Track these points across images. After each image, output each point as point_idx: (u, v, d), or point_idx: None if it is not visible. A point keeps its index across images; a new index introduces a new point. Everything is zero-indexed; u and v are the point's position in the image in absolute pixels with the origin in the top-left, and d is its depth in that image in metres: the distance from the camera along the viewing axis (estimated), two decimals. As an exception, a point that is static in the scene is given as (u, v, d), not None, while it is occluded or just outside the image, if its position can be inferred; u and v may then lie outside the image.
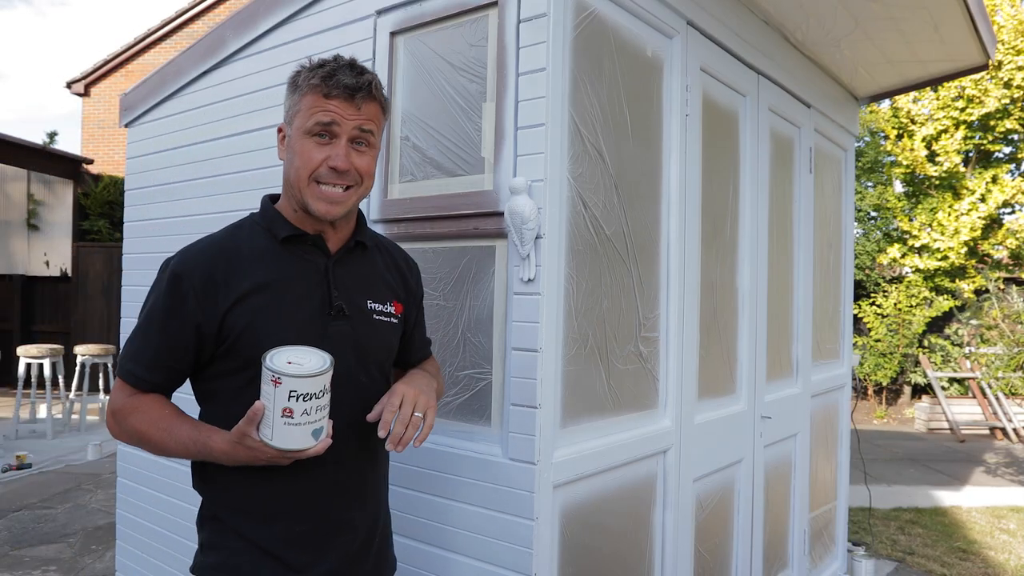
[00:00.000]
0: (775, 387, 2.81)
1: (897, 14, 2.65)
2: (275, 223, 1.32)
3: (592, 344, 1.81)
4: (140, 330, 1.29)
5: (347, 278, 1.35)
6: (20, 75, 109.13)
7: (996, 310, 6.30)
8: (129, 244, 2.90)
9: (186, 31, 12.88)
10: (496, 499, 1.66)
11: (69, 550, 4.13)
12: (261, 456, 1.17)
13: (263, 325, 1.25)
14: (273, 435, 1.13)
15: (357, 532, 1.35)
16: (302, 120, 1.27)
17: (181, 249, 1.31)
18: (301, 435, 1.14)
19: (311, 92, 1.26)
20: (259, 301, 1.25)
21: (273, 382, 1.11)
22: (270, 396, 1.12)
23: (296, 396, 1.11)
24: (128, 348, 1.29)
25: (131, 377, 1.28)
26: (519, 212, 1.59)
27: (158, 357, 1.27)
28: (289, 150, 1.30)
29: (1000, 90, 9.10)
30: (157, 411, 1.26)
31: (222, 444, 1.19)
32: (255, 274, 1.27)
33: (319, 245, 1.33)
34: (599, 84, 1.81)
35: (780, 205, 2.84)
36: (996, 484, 6.35)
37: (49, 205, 11.01)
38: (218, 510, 1.31)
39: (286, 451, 1.15)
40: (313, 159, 1.26)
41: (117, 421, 1.28)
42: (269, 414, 1.12)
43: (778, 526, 2.88)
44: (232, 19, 2.41)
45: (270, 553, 1.27)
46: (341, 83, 1.24)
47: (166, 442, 1.24)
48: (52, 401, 7.43)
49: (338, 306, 1.31)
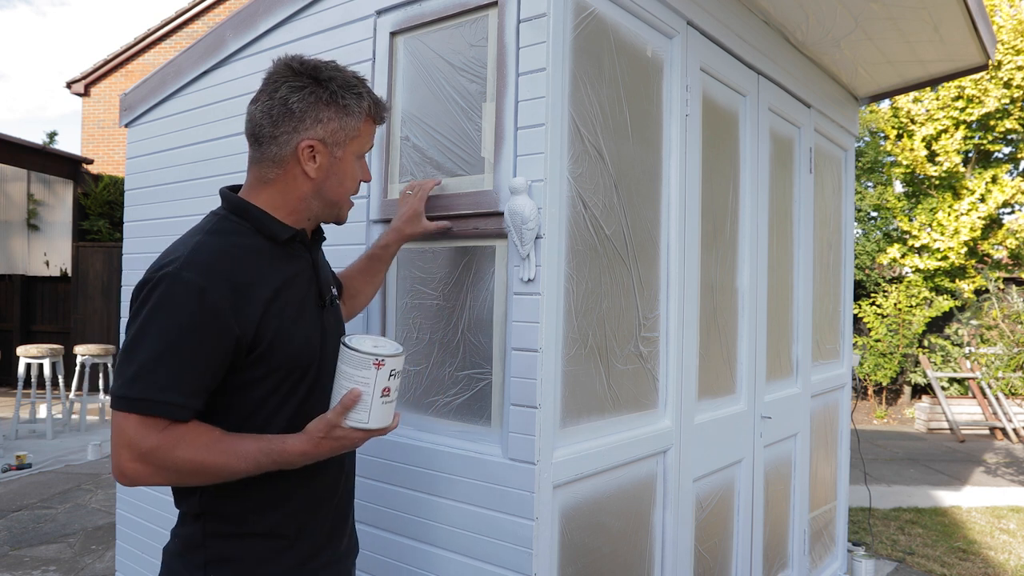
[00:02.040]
0: (775, 387, 2.81)
1: (897, 14, 2.65)
2: (269, 224, 1.30)
3: (592, 344, 1.81)
4: (162, 354, 1.13)
5: (321, 269, 1.42)
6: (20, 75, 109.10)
7: (996, 310, 6.30)
8: (129, 244, 2.90)
9: (186, 31, 12.89)
10: (496, 499, 1.66)
11: (69, 550, 4.13)
12: (348, 444, 1.21)
13: (289, 327, 1.26)
14: (370, 417, 1.19)
15: (352, 507, 1.48)
16: (360, 145, 1.35)
17: (183, 261, 1.17)
18: (390, 412, 1.23)
19: (369, 120, 1.35)
20: (280, 304, 1.26)
21: (376, 365, 1.17)
22: (368, 380, 1.18)
23: (394, 374, 1.21)
24: (146, 378, 1.12)
25: (166, 409, 1.13)
26: (519, 212, 1.59)
27: (196, 381, 1.15)
28: (336, 171, 1.33)
29: (1000, 90, 9.10)
30: (206, 435, 1.17)
31: (300, 445, 1.18)
32: (270, 278, 1.26)
33: (305, 241, 1.37)
34: (599, 84, 1.81)
35: (780, 205, 2.84)
36: (996, 484, 6.35)
37: (49, 205, 11.01)
38: (237, 519, 1.27)
39: (377, 430, 1.21)
40: (358, 179, 1.38)
41: (153, 462, 1.13)
42: (367, 398, 1.18)
43: (778, 526, 2.88)
44: (232, 19, 2.41)
45: (297, 542, 1.31)
46: (382, 115, 1.38)
47: (230, 463, 1.16)
48: (52, 401, 7.43)
49: (330, 297, 1.40)
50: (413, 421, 1.88)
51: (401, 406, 1.91)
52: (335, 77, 1.30)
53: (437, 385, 1.83)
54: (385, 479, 1.88)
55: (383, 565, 1.87)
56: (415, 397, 1.87)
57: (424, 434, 1.84)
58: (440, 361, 1.82)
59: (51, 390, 7.14)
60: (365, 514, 1.90)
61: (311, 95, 1.28)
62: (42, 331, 10.64)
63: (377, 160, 1.95)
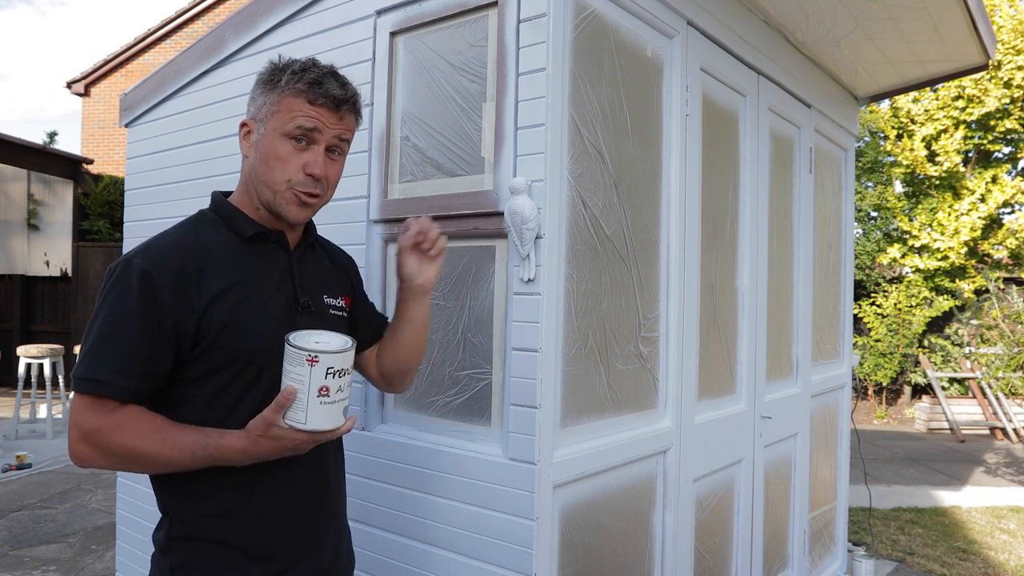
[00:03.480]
0: (775, 387, 2.81)
1: (897, 14, 2.65)
2: (237, 220, 1.30)
3: (592, 344, 1.81)
4: (107, 336, 1.15)
5: (307, 275, 1.38)
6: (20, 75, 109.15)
7: (996, 310, 6.30)
8: (129, 244, 2.89)
9: (186, 31, 12.89)
10: (496, 499, 1.66)
11: (69, 550, 4.13)
12: (288, 444, 1.14)
13: (241, 323, 1.22)
14: (307, 418, 1.11)
15: (333, 525, 1.39)
16: (280, 121, 1.25)
17: (141, 247, 1.22)
18: (334, 414, 1.13)
19: (295, 95, 1.24)
20: (233, 298, 1.23)
21: (309, 361, 1.09)
22: (303, 377, 1.10)
23: (333, 373, 1.11)
24: (92, 358, 1.15)
25: (107, 388, 1.14)
26: (519, 212, 1.59)
27: (136, 362, 1.16)
28: (259, 148, 1.27)
29: (1000, 90, 9.10)
30: (147, 422, 1.16)
31: (238, 442, 1.14)
32: (227, 271, 1.24)
33: (281, 243, 1.34)
34: (599, 84, 1.81)
35: (780, 205, 2.84)
36: (996, 484, 6.35)
37: (49, 205, 11.01)
38: (194, 524, 1.24)
39: (319, 431, 1.13)
40: (291, 163, 1.26)
41: (94, 443, 1.15)
42: (303, 396, 1.10)
43: (778, 526, 2.88)
44: (232, 19, 2.41)
45: (256, 557, 1.25)
46: (329, 92, 1.25)
47: (166, 453, 1.14)
48: (52, 401, 7.43)
49: (305, 302, 1.33)
50: (413, 421, 1.88)
51: (401, 406, 1.91)
52: (292, 64, 1.26)
53: (437, 385, 1.83)
54: (385, 479, 1.88)
55: (383, 565, 1.87)
56: (415, 397, 1.87)
57: (424, 434, 1.84)
58: (440, 361, 1.82)
59: (51, 390, 7.14)
60: (365, 514, 1.91)
61: (258, 78, 1.29)
62: (42, 331, 10.64)
63: (377, 160, 1.95)
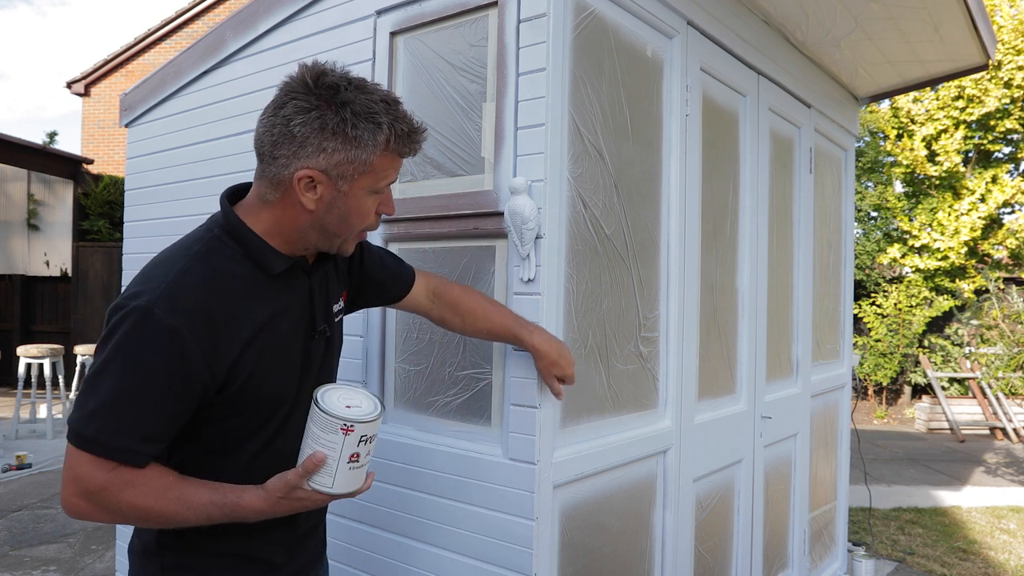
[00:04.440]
0: (775, 387, 2.81)
1: (897, 14, 2.65)
2: (262, 254, 1.18)
3: (592, 344, 1.81)
4: (124, 397, 1.05)
5: (321, 294, 1.31)
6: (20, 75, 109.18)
7: (996, 310, 6.30)
8: (129, 244, 2.90)
9: (186, 31, 12.89)
10: (496, 499, 1.66)
11: (69, 550, 4.13)
12: (309, 505, 1.12)
13: (265, 369, 1.17)
14: (335, 483, 1.09)
15: (319, 529, 1.43)
16: (372, 181, 1.16)
17: (159, 294, 1.07)
18: (359, 476, 1.13)
19: (391, 154, 1.16)
20: (260, 344, 1.16)
21: (344, 431, 1.07)
22: (335, 444, 1.07)
23: (365, 439, 1.10)
24: (105, 419, 1.05)
25: (122, 455, 1.05)
26: (519, 212, 1.59)
27: (160, 427, 1.08)
28: (339, 205, 1.16)
29: (1000, 90, 9.10)
30: (159, 480, 1.09)
31: (257, 503, 1.10)
32: (254, 314, 1.16)
33: (304, 267, 1.25)
34: (599, 84, 1.81)
35: (780, 205, 2.84)
36: (996, 484, 6.35)
37: (49, 205, 11.01)
38: (187, 532, 1.20)
39: (343, 495, 1.12)
40: (371, 214, 1.21)
41: (98, 501, 1.06)
42: (332, 463, 1.08)
43: (778, 526, 2.88)
44: (232, 19, 2.41)
45: (248, 558, 1.26)
46: (417, 150, 1.20)
47: (179, 513, 1.09)
48: (52, 401, 7.43)
49: (322, 329, 1.29)
50: (413, 421, 1.88)
51: (401, 406, 1.91)
52: (353, 101, 1.11)
53: (437, 385, 1.83)
54: (385, 479, 1.88)
55: (383, 565, 1.87)
56: (415, 397, 1.87)
57: (424, 434, 1.84)
58: (440, 361, 1.82)
59: (51, 390, 7.13)
60: (365, 514, 1.91)
61: (317, 120, 1.10)
62: (42, 331, 10.65)
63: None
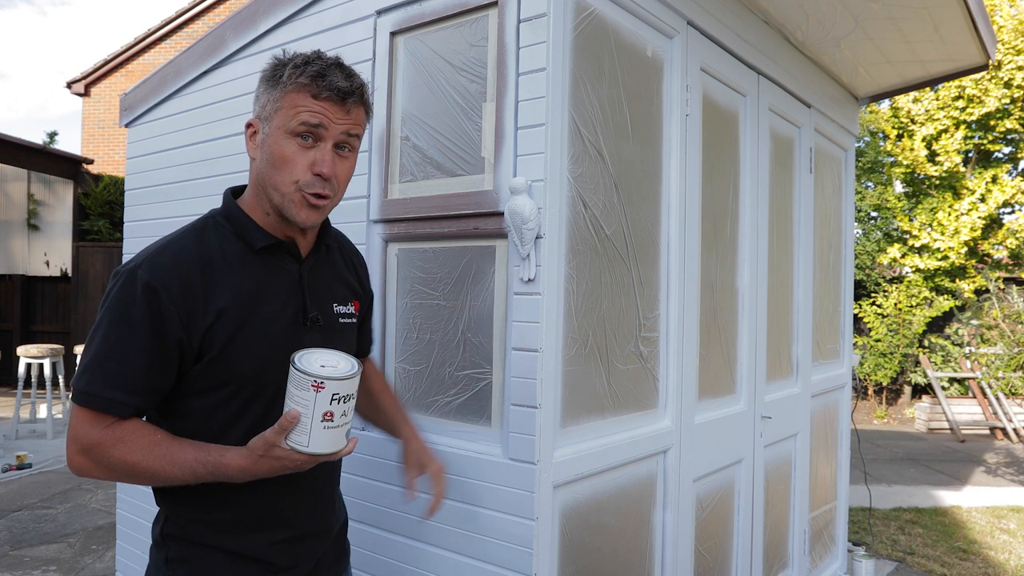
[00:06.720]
0: (775, 387, 2.81)
1: (897, 14, 2.65)
2: (247, 230, 1.25)
3: (592, 344, 1.81)
4: (108, 350, 1.14)
5: (317, 285, 1.33)
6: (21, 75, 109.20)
7: (996, 310, 6.30)
8: (129, 244, 2.90)
9: (186, 31, 12.89)
10: (496, 499, 1.66)
11: (69, 550, 4.13)
12: (289, 464, 1.13)
13: (244, 340, 1.20)
14: (310, 441, 1.11)
15: (330, 533, 1.40)
16: (284, 118, 1.19)
17: (146, 257, 1.18)
18: (337, 437, 1.14)
19: (297, 90, 1.18)
20: (239, 315, 1.19)
21: (314, 387, 1.09)
22: (308, 402, 1.10)
23: (338, 399, 1.11)
24: (94, 372, 1.14)
25: (107, 405, 1.13)
26: (519, 212, 1.59)
27: (140, 379, 1.15)
28: (264, 148, 1.22)
29: (1000, 90, 9.11)
30: (147, 437, 1.15)
31: (239, 460, 1.13)
32: (233, 285, 1.20)
33: (292, 252, 1.28)
34: (599, 84, 1.81)
35: (780, 205, 2.84)
36: (996, 484, 6.35)
37: (49, 205, 11.01)
38: (188, 526, 1.25)
39: (320, 455, 1.13)
40: (298, 163, 1.19)
41: (93, 457, 1.15)
42: (307, 420, 1.10)
43: (778, 526, 2.88)
44: (232, 19, 2.41)
45: (251, 558, 1.26)
46: (334, 85, 1.18)
47: (166, 469, 1.14)
48: (52, 401, 7.43)
49: (314, 316, 1.29)
50: (413, 421, 1.87)
51: (401, 406, 1.91)
52: (295, 57, 1.20)
53: (437, 385, 1.83)
54: (384, 479, 1.88)
55: (382, 565, 1.87)
56: (415, 397, 1.87)
57: (424, 434, 1.83)
58: (440, 361, 1.82)
59: (51, 390, 7.13)
60: (364, 514, 1.91)
61: (262, 75, 1.24)
62: (42, 331, 10.65)
63: (377, 160, 1.96)
